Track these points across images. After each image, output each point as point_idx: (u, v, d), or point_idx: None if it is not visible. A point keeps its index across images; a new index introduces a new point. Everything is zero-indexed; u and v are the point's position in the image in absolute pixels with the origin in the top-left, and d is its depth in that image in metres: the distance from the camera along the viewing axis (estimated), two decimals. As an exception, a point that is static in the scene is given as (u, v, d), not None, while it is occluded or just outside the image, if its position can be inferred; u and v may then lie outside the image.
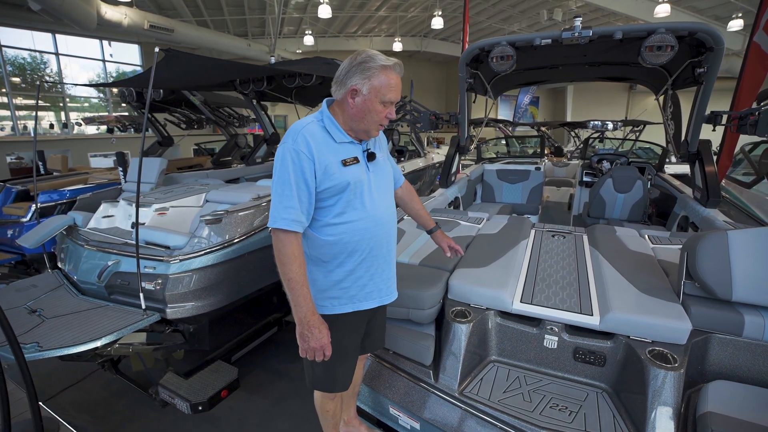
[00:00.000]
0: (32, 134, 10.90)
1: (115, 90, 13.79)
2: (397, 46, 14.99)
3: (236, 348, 3.34)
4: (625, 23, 13.30)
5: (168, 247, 2.79)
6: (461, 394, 1.56)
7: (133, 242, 2.88)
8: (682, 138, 3.06)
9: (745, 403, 1.32)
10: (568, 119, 18.31)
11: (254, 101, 5.37)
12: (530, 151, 6.30)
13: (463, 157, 5.41)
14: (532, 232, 2.54)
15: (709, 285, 1.53)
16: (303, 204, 1.33)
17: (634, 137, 7.93)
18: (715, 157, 3.71)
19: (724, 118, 2.87)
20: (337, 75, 1.38)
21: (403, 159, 5.91)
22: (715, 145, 3.77)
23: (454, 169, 3.76)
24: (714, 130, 2.93)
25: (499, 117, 17.84)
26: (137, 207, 2.44)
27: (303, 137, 1.33)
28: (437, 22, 11.71)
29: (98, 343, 2.33)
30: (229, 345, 3.26)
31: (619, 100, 20.32)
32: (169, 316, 2.65)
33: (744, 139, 4.51)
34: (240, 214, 2.97)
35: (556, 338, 1.65)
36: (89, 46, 12.85)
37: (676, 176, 4.39)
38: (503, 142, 7.32)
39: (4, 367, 2.12)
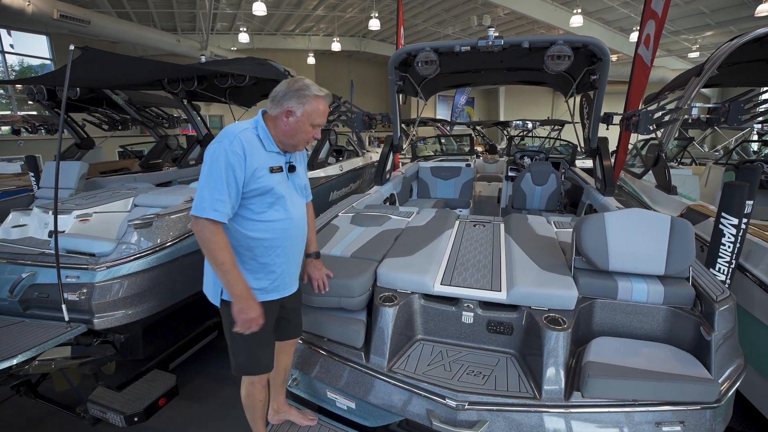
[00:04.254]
0: None
1: (19, 86, 12.34)
2: (336, 46, 15.02)
3: (173, 356, 3.24)
4: (547, 30, 14.48)
5: (93, 255, 2.66)
6: (390, 370, 1.72)
7: (52, 252, 2.73)
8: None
9: (617, 352, 1.62)
10: (501, 119, 19.53)
11: (185, 101, 5.18)
12: (466, 149, 6.71)
13: (401, 155, 5.63)
14: (457, 222, 2.78)
15: (592, 258, 1.82)
16: (231, 199, 1.48)
17: (556, 135, 8.73)
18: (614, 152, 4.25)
19: (615, 118, 3.33)
20: (274, 94, 1.56)
21: (341, 158, 6.01)
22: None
23: (388, 167, 3.94)
24: (607, 128, 3.39)
25: (438, 117, 18.55)
26: (56, 213, 2.31)
27: (239, 140, 1.49)
28: (374, 24, 11.92)
29: (14, 362, 2.18)
30: (166, 353, 3.17)
31: (545, 101, 22.01)
32: (97, 327, 2.54)
33: (638, 137, 5.19)
34: (172, 217, 2.91)
35: (472, 314, 1.87)
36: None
37: (586, 170, 4.95)
38: (441, 140, 7.70)
39: None
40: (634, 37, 12.44)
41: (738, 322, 1.82)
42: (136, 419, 2.59)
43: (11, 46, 11.95)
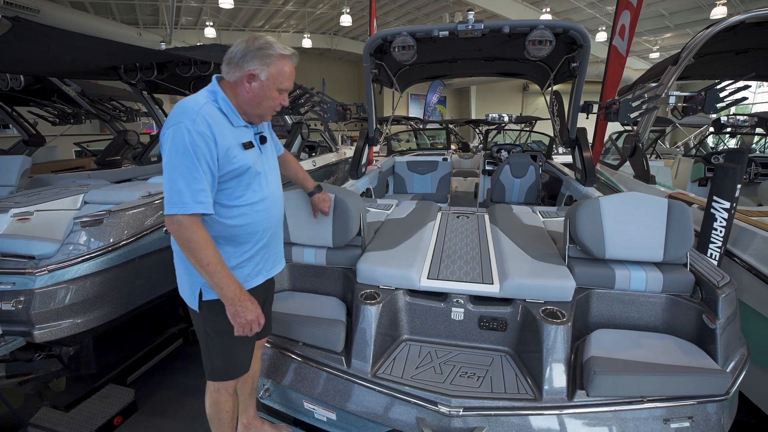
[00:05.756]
0: None
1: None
2: (307, 43, 14.70)
3: (132, 368, 2.94)
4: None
5: (33, 257, 2.34)
6: (374, 376, 1.54)
7: (-19, 255, 2.39)
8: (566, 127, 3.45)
9: (620, 345, 1.51)
10: (473, 117, 19.72)
11: (144, 93, 4.81)
12: (440, 146, 6.63)
13: (375, 153, 5.47)
14: (439, 214, 2.63)
15: (588, 246, 1.71)
16: (210, 187, 1.28)
17: (528, 133, 8.81)
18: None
19: (595, 107, 3.28)
20: (231, 56, 1.33)
21: (314, 154, 5.79)
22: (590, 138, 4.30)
23: (364, 161, 3.76)
24: (587, 118, 3.34)
25: (411, 115, 18.50)
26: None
27: (203, 118, 1.26)
28: (346, 20, 11.72)
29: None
30: (123, 365, 2.86)
31: (515, 99, 22.45)
32: (39, 339, 2.25)
33: (612, 130, 5.25)
34: (127, 213, 2.62)
35: (462, 310, 1.71)
36: None
37: (564, 164, 4.94)
38: (415, 137, 7.58)
39: None
40: (599, 37, 12.82)
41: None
42: (86, 443, 2.31)
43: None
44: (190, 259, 1.27)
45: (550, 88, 3.98)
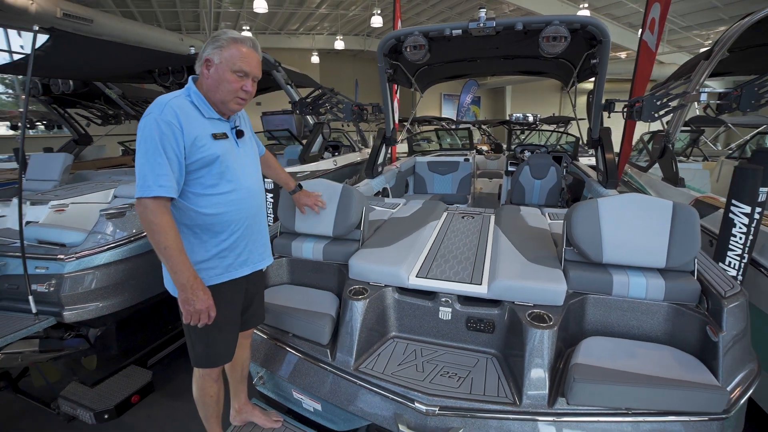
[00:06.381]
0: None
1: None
2: (339, 45, 14.92)
3: (153, 352, 3.14)
4: (554, 27, 14.18)
5: (64, 245, 2.56)
6: (356, 370, 1.57)
7: (25, 242, 2.62)
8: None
9: (611, 354, 1.44)
10: (508, 118, 19.23)
11: (177, 94, 5.09)
12: (466, 144, 6.54)
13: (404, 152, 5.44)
14: (444, 214, 2.61)
15: (584, 249, 1.65)
16: (175, 173, 1.35)
17: (561, 133, 8.50)
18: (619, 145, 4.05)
19: (618, 105, 3.13)
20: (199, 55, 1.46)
21: (337, 153, 5.88)
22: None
23: (380, 160, 3.78)
24: (609, 116, 3.19)
25: (444, 116, 18.32)
26: (20, 201, 2.22)
27: (170, 108, 1.34)
28: (377, 21, 11.81)
29: (-26, 354, 2.09)
30: (147, 349, 3.06)
31: (552, 99, 21.68)
32: (67, 320, 2.45)
33: (644, 130, 4.97)
34: (149, 207, 2.79)
35: (450, 309, 1.70)
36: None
37: (591, 166, 4.73)
38: (437, 137, 7.49)
39: None
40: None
41: (751, 322, 1.63)
42: (106, 416, 2.51)
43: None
44: (151, 242, 1.34)
45: (574, 87, 3.82)
